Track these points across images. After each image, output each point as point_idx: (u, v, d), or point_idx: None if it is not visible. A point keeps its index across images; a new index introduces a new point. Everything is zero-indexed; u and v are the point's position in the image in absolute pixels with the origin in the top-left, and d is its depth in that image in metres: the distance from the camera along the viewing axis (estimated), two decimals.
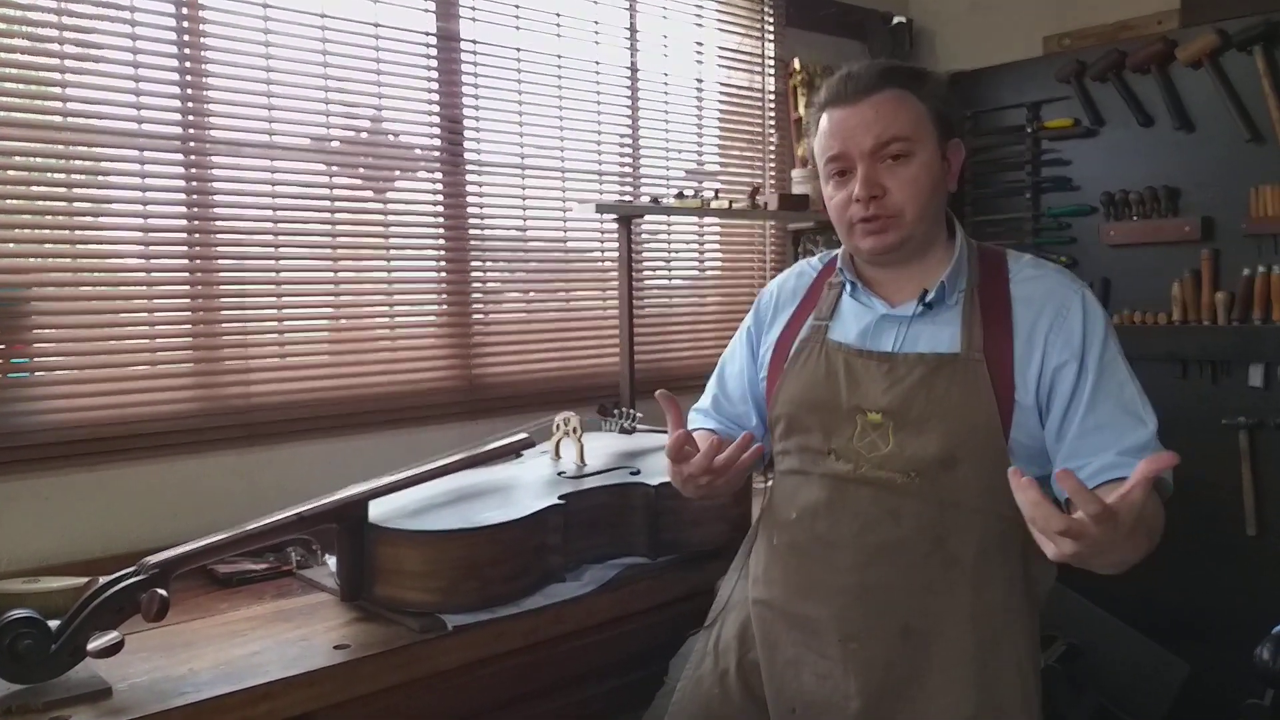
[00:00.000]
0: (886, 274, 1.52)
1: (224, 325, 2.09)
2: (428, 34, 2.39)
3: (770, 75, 3.17)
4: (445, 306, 2.45)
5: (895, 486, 1.41)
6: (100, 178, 1.96)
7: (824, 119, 1.46)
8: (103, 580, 1.43)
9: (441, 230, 2.44)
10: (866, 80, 1.42)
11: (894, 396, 1.42)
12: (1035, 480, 1.08)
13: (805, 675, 1.48)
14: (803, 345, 1.55)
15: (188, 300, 2.06)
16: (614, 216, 2.60)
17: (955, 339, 1.42)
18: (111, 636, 1.37)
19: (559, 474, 1.93)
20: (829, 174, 1.47)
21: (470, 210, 2.48)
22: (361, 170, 2.32)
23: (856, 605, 1.43)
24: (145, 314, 2.01)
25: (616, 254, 2.62)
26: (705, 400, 1.76)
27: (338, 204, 2.27)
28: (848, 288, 1.55)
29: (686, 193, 2.70)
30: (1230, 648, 2.49)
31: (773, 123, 3.18)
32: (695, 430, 1.63)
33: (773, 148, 3.18)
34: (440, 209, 2.44)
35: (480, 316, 2.51)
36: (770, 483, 1.66)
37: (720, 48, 3.06)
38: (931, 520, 1.39)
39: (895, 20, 3.43)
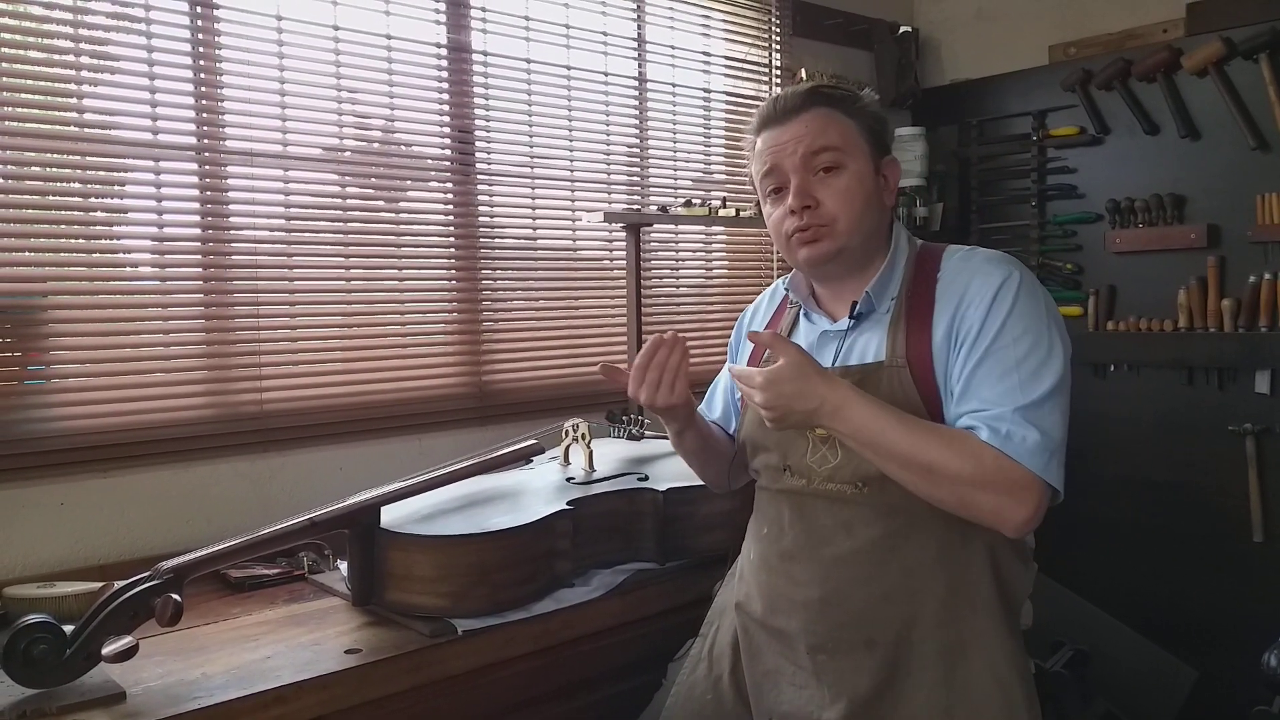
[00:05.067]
0: (829, 290, 1.53)
1: (237, 333, 2.11)
2: (439, 45, 2.41)
3: (777, 85, 3.18)
4: (456, 314, 2.47)
5: (846, 498, 1.42)
6: (116, 187, 1.98)
7: (758, 142, 1.49)
8: (117, 585, 1.44)
9: (452, 238, 2.45)
10: (795, 99, 1.45)
11: None
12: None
13: (784, 685, 1.49)
14: (764, 365, 1.58)
15: (201, 308, 2.08)
16: (622, 225, 2.62)
17: (882, 348, 1.43)
18: (125, 641, 1.38)
19: (568, 480, 1.94)
20: (765, 191, 1.49)
21: (480, 219, 2.50)
22: (373, 179, 2.34)
23: (820, 619, 1.44)
24: (160, 321, 2.03)
25: (625, 261, 2.63)
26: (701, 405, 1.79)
27: (350, 213, 2.29)
28: (802, 307, 1.57)
29: (694, 201, 2.71)
30: (1237, 654, 2.49)
31: None
32: None
33: None
34: (451, 217, 2.46)
35: (490, 324, 2.53)
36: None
37: (727, 58, 3.08)
38: (884, 530, 1.39)
39: (901, 30, 3.44)
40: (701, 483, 1.76)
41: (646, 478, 1.96)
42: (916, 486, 1.32)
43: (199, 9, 2.03)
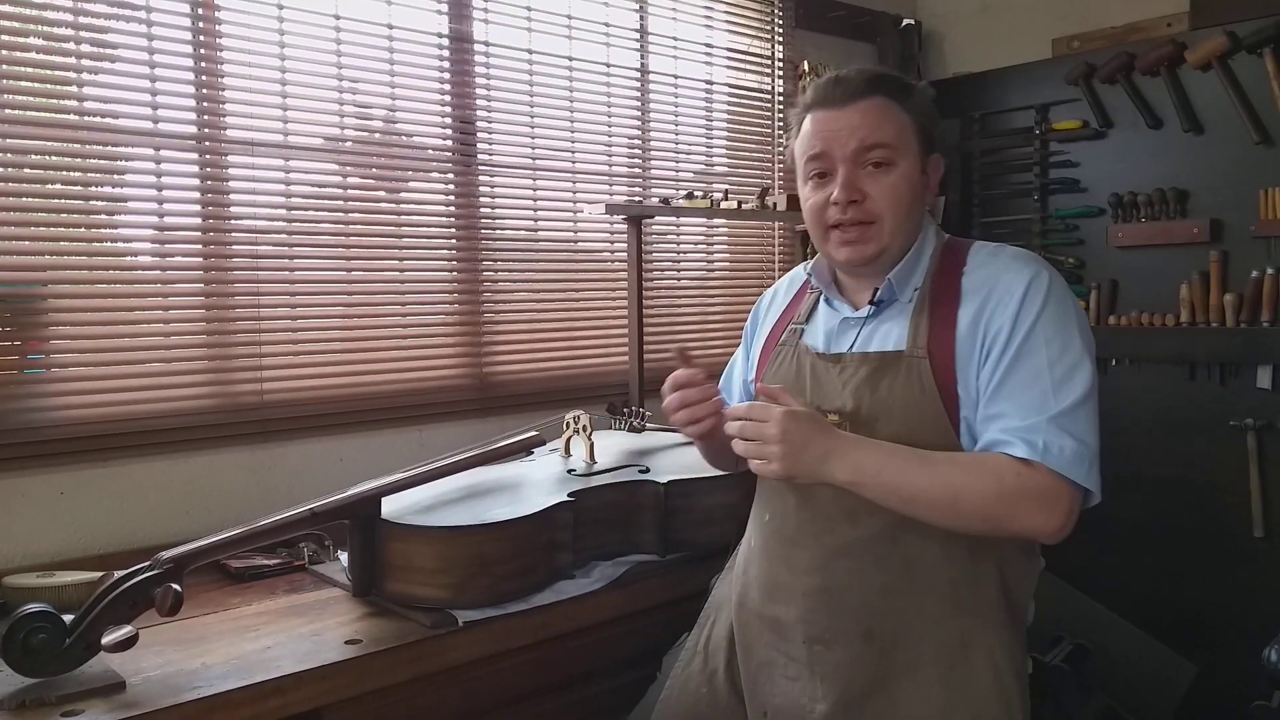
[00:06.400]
0: (854, 278, 1.51)
1: (238, 323, 2.11)
2: (441, 35, 2.40)
3: (779, 77, 3.18)
4: (457, 305, 2.46)
5: None
6: (116, 176, 1.97)
7: (808, 120, 1.45)
8: (117, 575, 1.44)
9: (453, 230, 2.45)
10: (855, 86, 1.41)
11: (846, 397, 1.42)
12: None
13: (777, 677, 1.48)
14: (780, 348, 1.58)
15: (202, 298, 2.07)
16: (624, 217, 2.61)
17: (903, 337, 1.42)
18: (125, 631, 1.38)
19: (569, 471, 1.94)
20: (808, 174, 1.46)
21: (482, 210, 2.49)
22: (374, 170, 2.33)
23: (820, 608, 1.43)
24: (160, 311, 2.03)
25: (626, 254, 2.63)
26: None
27: (351, 203, 2.28)
28: (823, 293, 1.56)
29: (696, 193, 2.71)
30: (1238, 649, 2.49)
31: (781, 124, 3.18)
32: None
33: (781, 149, 3.18)
34: (452, 209, 2.45)
35: (491, 315, 2.52)
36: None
37: (729, 49, 3.07)
38: (888, 521, 1.37)
39: (904, 22, 3.43)
40: (703, 475, 1.76)
41: (648, 470, 1.96)
42: (945, 519, 1.31)
43: None
